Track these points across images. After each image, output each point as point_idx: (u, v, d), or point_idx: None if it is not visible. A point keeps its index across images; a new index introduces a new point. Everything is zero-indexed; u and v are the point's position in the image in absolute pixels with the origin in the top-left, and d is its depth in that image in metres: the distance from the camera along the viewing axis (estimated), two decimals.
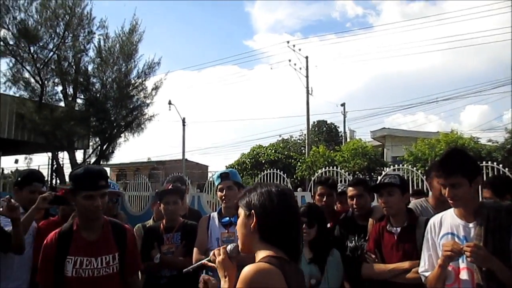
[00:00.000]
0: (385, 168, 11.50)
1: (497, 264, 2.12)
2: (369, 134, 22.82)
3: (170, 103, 26.59)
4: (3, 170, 21.80)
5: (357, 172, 14.61)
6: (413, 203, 3.39)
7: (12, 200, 3.00)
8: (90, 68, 19.00)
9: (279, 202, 1.66)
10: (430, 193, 3.56)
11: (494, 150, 15.04)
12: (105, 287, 2.55)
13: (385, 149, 21.23)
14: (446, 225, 2.40)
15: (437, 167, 2.44)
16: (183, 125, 27.63)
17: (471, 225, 2.29)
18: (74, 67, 18.50)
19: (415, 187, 9.57)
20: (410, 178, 9.60)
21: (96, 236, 2.59)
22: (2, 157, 22.03)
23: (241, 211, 1.73)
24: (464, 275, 2.25)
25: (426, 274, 2.43)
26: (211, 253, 1.88)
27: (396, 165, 11.02)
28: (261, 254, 1.63)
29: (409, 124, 74.92)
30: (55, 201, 3.34)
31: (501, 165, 8.80)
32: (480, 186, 2.84)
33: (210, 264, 1.90)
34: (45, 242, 2.57)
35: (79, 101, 19.01)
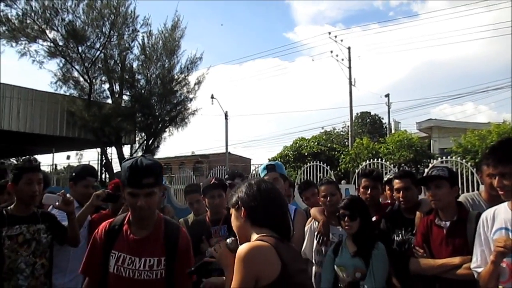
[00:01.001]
0: (432, 160, 11.17)
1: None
2: (414, 125, 22.20)
3: (212, 97, 26.94)
4: (56, 166, 22.91)
5: (403, 164, 14.24)
6: (464, 196, 3.28)
7: (68, 195, 3.14)
8: (135, 65, 19.61)
9: (258, 188, 1.88)
10: (482, 186, 3.42)
11: None
12: None
13: (432, 141, 20.57)
14: (500, 220, 2.30)
15: (487, 155, 2.35)
16: (226, 118, 27.90)
17: None
18: (119, 65, 19.11)
19: (464, 180, 9.25)
20: (459, 171, 9.25)
21: (144, 234, 2.31)
22: (55, 154, 23.10)
23: (232, 210, 1.95)
24: None
25: (479, 270, 2.35)
26: (212, 249, 2.02)
27: (443, 157, 10.66)
28: (254, 237, 1.80)
29: (457, 115, 72.36)
30: (108, 199, 3.48)
31: None
32: None
33: (211, 259, 2.01)
34: (95, 233, 2.40)
35: (125, 97, 19.68)
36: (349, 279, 2.97)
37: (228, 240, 1.97)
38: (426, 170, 9.52)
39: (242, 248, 1.68)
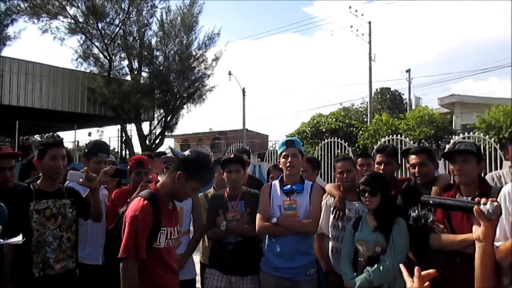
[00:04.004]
0: (453, 136, 11.00)
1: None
2: (436, 101, 21.76)
3: (230, 73, 26.79)
4: (78, 142, 23.29)
5: (423, 141, 14.05)
6: (492, 174, 3.31)
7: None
8: (153, 41, 19.62)
9: None
10: (505, 163, 3.39)
11: None
12: (174, 254, 2.71)
13: (454, 117, 20.19)
14: None
15: None
16: (243, 95, 27.79)
17: None
18: (138, 41, 19.14)
19: (487, 157, 9.11)
20: (481, 147, 9.10)
21: (171, 206, 2.64)
22: (77, 130, 23.48)
23: None
24: None
25: (497, 244, 2.30)
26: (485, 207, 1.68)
27: (466, 133, 10.49)
28: None
29: (481, 90, 70.38)
30: (116, 175, 3.53)
31: None
32: None
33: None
34: (140, 214, 2.36)
35: (144, 74, 19.77)
36: (369, 254, 3.00)
37: (487, 206, 1.71)
38: (447, 146, 9.40)
39: None
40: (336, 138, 12.60)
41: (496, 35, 77.62)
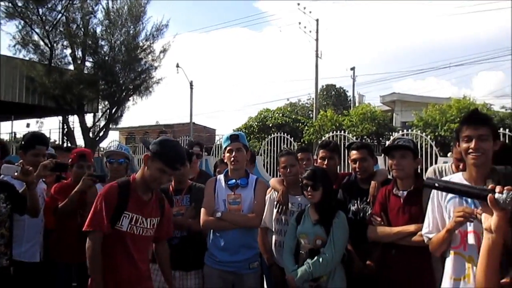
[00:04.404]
0: (393, 133, 11.48)
1: (508, 230, 2.07)
2: (378, 99, 22.63)
3: (177, 66, 26.41)
4: (15, 134, 22.10)
5: (365, 137, 14.58)
6: (435, 167, 3.47)
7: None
8: (98, 30, 18.91)
9: None
10: (440, 159, 3.58)
11: (507, 117, 14.86)
12: (146, 247, 2.83)
13: (394, 114, 21.08)
14: None
15: (465, 118, 2.30)
16: (191, 88, 27.51)
17: None
18: (82, 29, 18.38)
19: (423, 153, 9.60)
20: (419, 144, 9.57)
21: (148, 198, 2.75)
22: (14, 121, 22.22)
23: None
24: (470, 238, 2.18)
25: (430, 236, 2.39)
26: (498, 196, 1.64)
27: (405, 130, 10.98)
28: None
29: (420, 90, 73.87)
30: (56, 168, 3.40)
31: None
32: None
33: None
34: (103, 192, 2.65)
35: (88, 64, 19.01)
36: (310, 246, 3.07)
37: (503, 195, 1.66)
38: (387, 142, 9.81)
39: None
40: (282, 133, 12.79)
41: (434, 38, 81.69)
